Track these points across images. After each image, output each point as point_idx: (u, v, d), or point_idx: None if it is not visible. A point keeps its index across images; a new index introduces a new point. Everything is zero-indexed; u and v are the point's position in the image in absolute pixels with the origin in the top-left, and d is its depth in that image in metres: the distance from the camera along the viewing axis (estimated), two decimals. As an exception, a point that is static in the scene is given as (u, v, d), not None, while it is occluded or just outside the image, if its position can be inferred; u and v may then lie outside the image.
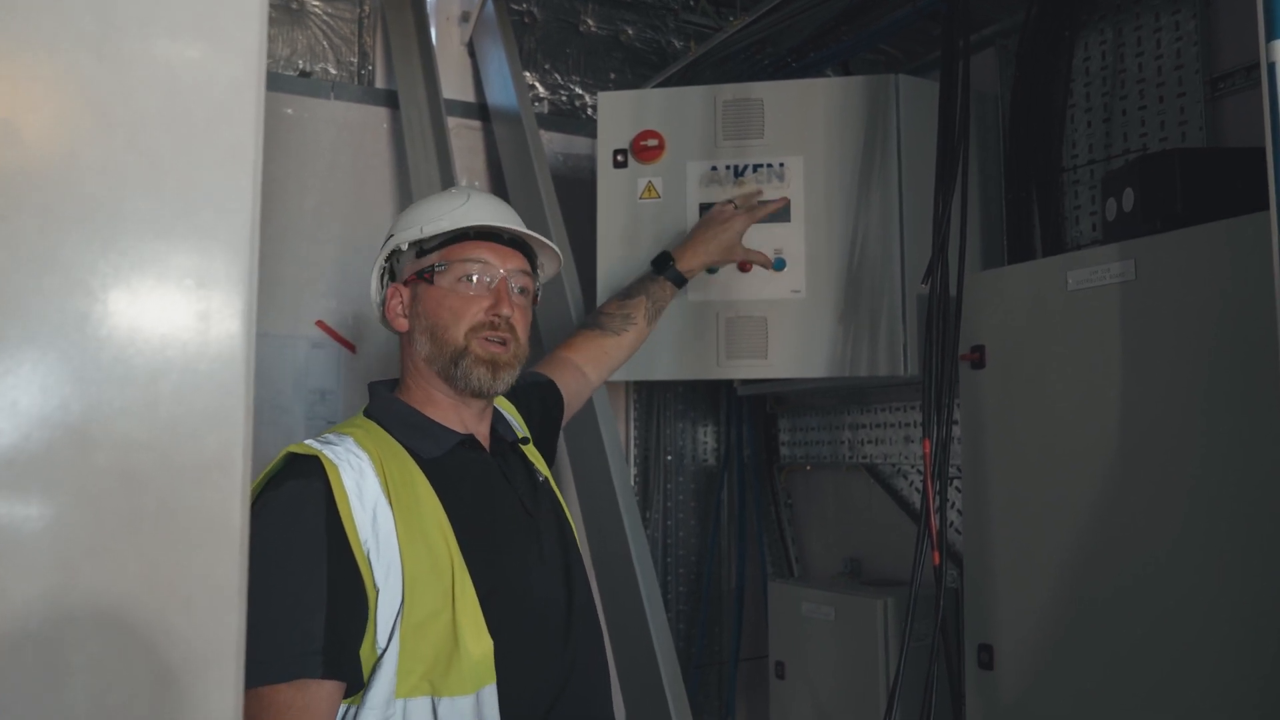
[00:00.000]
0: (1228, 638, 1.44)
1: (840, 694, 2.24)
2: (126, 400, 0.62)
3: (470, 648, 1.26)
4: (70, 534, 0.60)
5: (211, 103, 0.66)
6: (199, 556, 0.63)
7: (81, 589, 0.60)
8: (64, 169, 0.61)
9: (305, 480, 1.27)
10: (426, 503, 1.34)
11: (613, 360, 1.89)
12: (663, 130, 2.19)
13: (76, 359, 0.61)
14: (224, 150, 0.66)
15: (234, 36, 0.67)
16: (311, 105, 2.52)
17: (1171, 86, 1.90)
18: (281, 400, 2.45)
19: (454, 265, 1.44)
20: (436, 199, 1.52)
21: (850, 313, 2.09)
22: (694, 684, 2.72)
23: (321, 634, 1.20)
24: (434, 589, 1.28)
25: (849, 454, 2.56)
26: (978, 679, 1.81)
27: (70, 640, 0.59)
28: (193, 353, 0.64)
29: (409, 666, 1.25)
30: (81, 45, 0.62)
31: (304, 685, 1.18)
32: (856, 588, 2.34)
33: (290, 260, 2.47)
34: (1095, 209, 2.02)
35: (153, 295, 0.63)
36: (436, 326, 1.43)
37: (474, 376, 1.41)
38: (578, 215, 2.43)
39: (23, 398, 0.59)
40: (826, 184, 2.11)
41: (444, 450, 1.42)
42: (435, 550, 1.30)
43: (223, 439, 0.64)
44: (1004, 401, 1.81)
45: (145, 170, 0.63)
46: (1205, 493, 1.47)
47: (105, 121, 0.63)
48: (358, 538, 1.26)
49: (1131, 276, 1.59)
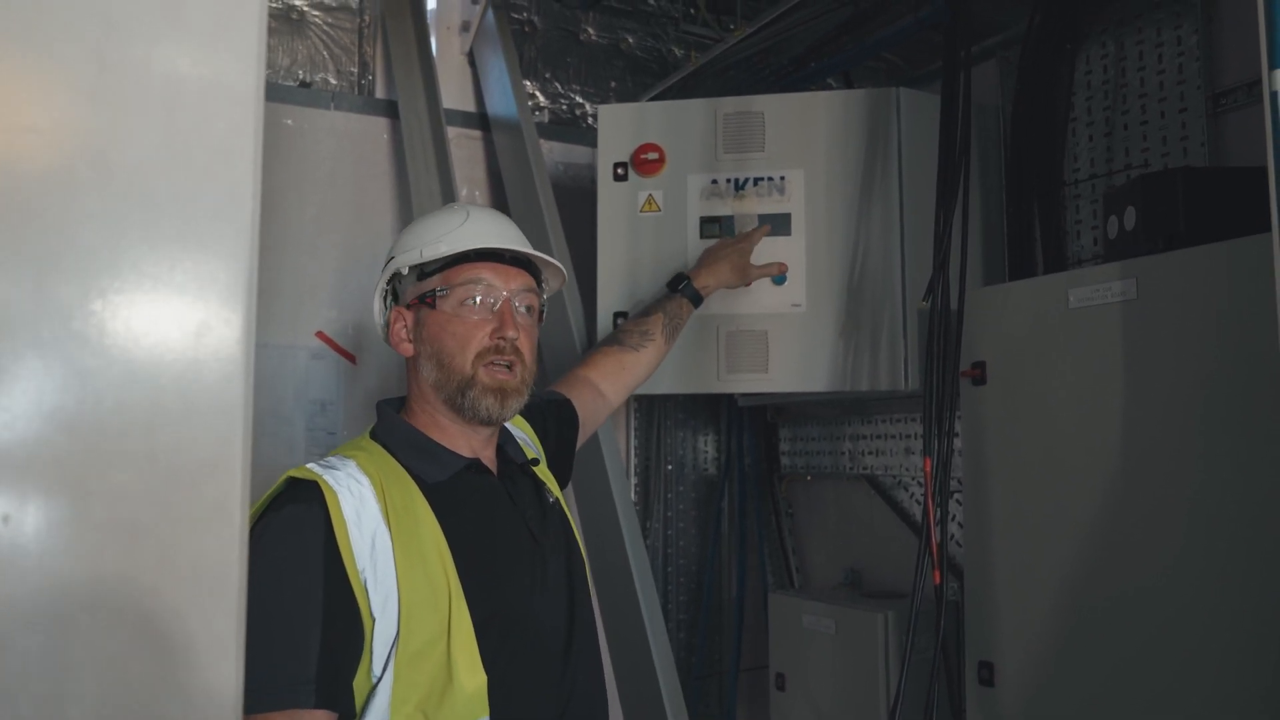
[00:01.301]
0: (1228, 653, 1.44)
1: (841, 706, 2.24)
2: (125, 410, 0.62)
3: (464, 681, 1.26)
4: (71, 534, 0.61)
5: (211, 112, 0.66)
6: (201, 557, 0.64)
7: (85, 584, 0.61)
8: (64, 179, 0.61)
9: (305, 505, 1.27)
10: (426, 529, 1.33)
11: (631, 378, 1.89)
12: (663, 143, 2.18)
13: (77, 363, 0.61)
14: (223, 160, 0.66)
15: (234, 46, 0.67)
16: (311, 116, 2.52)
17: (1173, 101, 1.90)
18: (282, 411, 2.45)
19: (456, 289, 1.42)
20: (435, 218, 1.50)
21: (851, 326, 2.08)
22: (695, 694, 2.72)
23: (315, 663, 1.20)
24: (430, 619, 1.27)
25: (850, 465, 2.56)
26: (978, 696, 1.81)
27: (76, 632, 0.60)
28: (191, 361, 0.63)
29: (404, 695, 1.25)
30: (83, 54, 0.62)
31: (296, 715, 1.18)
32: (857, 600, 2.34)
33: (290, 271, 2.46)
34: (1097, 224, 2.02)
35: (150, 304, 0.63)
36: (442, 354, 1.42)
37: (482, 406, 1.40)
38: (579, 225, 2.42)
39: (22, 401, 0.60)
40: (828, 197, 2.10)
41: (449, 474, 1.40)
42: (433, 578, 1.29)
43: (222, 443, 0.64)
44: (1005, 418, 1.81)
45: (143, 180, 0.63)
46: (1205, 511, 1.47)
47: (106, 130, 0.63)
48: (355, 566, 1.25)
49: (1133, 295, 1.58)
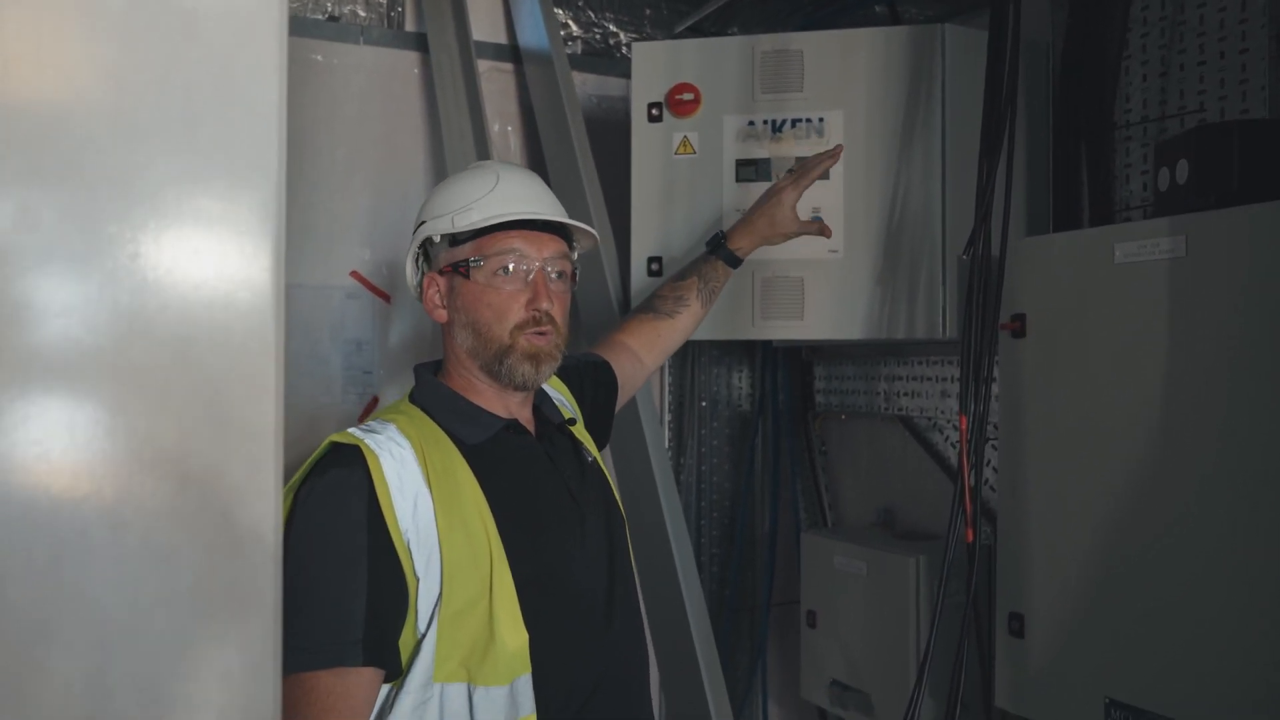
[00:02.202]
0: (1259, 611, 1.43)
1: (870, 646, 2.27)
2: (157, 348, 0.62)
3: (506, 639, 1.29)
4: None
5: (232, 44, 0.65)
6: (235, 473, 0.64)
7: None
8: (82, 112, 0.61)
9: (348, 470, 1.30)
10: (467, 490, 1.35)
11: (667, 343, 1.89)
12: (698, 83, 2.13)
13: (111, 296, 0.61)
14: (247, 90, 0.65)
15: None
16: (341, 51, 2.47)
17: (1233, 42, 1.81)
18: (319, 351, 2.47)
19: (489, 259, 1.42)
20: (465, 181, 1.49)
21: (889, 273, 2.05)
22: (726, 628, 2.77)
23: (362, 622, 1.24)
24: (472, 578, 1.30)
25: (885, 405, 2.54)
26: (1008, 647, 1.83)
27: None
28: (224, 297, 0.63)
29: (447, 652, 1.28)
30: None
31: (343, 673, 1.22)
32: (889, 542, 2.35)
33: (323, 211, 2.45)
34: (1147, 168, 1.95)
35: (177, 242, 0.62)
36: (479, 324, 1.43)
37: (519, 373, 1.42)
38: (614, 161, 2.37)
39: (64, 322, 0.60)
40: (868, 140, 2.05)
41: (488, 436, 1.43)
42: (475, 539, 1.32)
43: (256, 373, 0.64)
44: (1044, 372, 1.78)
45: (165, 114, 0.63)
46: (1241, 472, 1.45)
47: (128, 62, 0.62)
48: (398, 527, 1.28)
49: (1181, 253, 1.54)
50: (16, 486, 0.59)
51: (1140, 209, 1.95)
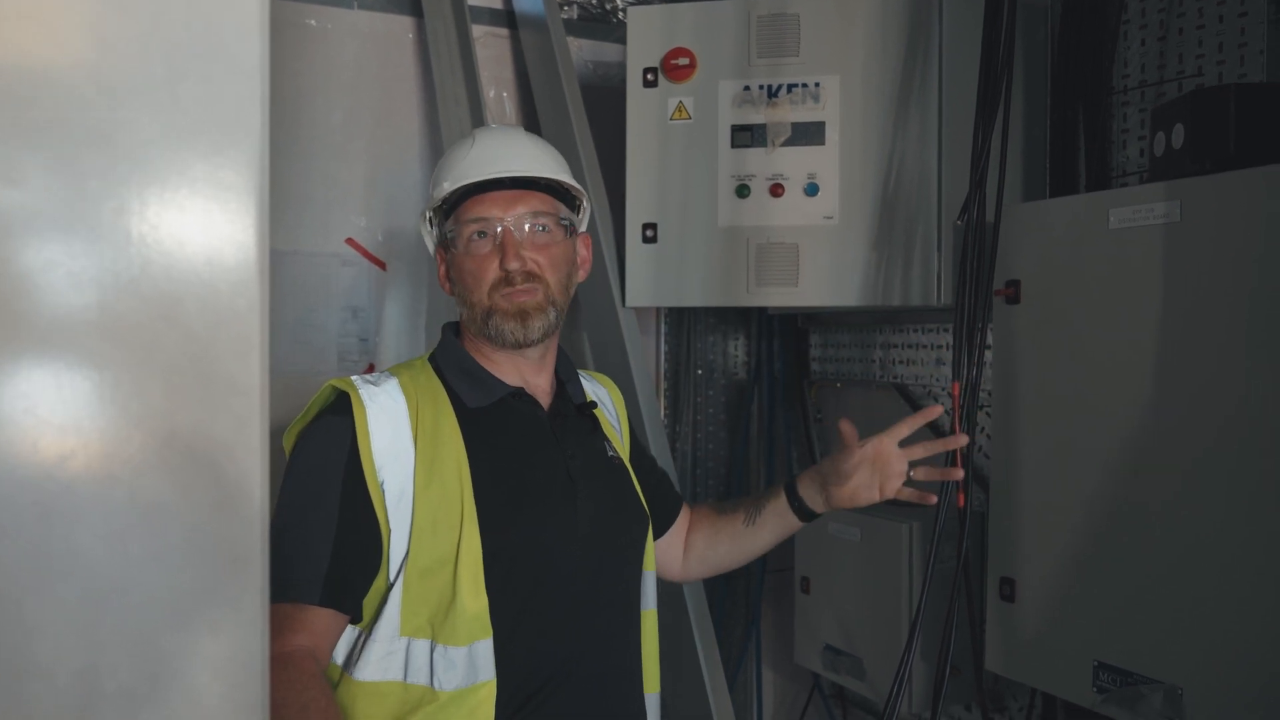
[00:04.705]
0: (1252, 575, 1.44)
1: (863, 612, 2.28)
2: (143, 304, 0.62)
3: (466, 602, 1.30)
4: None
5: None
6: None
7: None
8: (69, 70, 0.60)
9: (338, 417, 1.35)
10: (451, 450, 1.36)
11: (718, 544, 1.78)
12: (694, 48, 2.11)
13: (97, 253, 0.61)
14: (229, 48, 0.64)
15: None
16: (334, 15, 2.45)
17: (1233, 5, 1.79)
18: (314, 319, 2.47)
19: (463, 227, 1.44)
20: (449, 153, 1.51)
21: (884, 240, 2.04)
22: (722, 593, 2.79)
23: (325, 563, 1.27)
24: (443, 538, 1.32)
25: (880, 373, 2.55)
26: (999, 611, 1.84)
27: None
28: (209, 254, 0.63)
29: (414, 608, 1.31)
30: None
31: (301, 609, 1.26)
32: (882, 509, 2.35)
33: (318, 178, 2.44)
34: (1144, 134, 1.94)
35: (161, 199, 0.62)
36: (465, 292, 1.46)
37: (505, 331, 1.43)
38: (609, 128, 2.36)
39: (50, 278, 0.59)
40: (864, 105, 2.03)
41: (491, 400, 1.45)
42: (449, 499, 1.34)
43: (241, 336, 0.64)
44: (1038, 338, 1.78)
45: (148, 72, 0.62)
46: (1236, 437, 1.45)
47: (111, 18, 0.62)
48: (376, 477, 1.32)
49: (1176, 219, 1.53)
50: (4, 443, 0.59)
51: (1137, 174, 1.94)
